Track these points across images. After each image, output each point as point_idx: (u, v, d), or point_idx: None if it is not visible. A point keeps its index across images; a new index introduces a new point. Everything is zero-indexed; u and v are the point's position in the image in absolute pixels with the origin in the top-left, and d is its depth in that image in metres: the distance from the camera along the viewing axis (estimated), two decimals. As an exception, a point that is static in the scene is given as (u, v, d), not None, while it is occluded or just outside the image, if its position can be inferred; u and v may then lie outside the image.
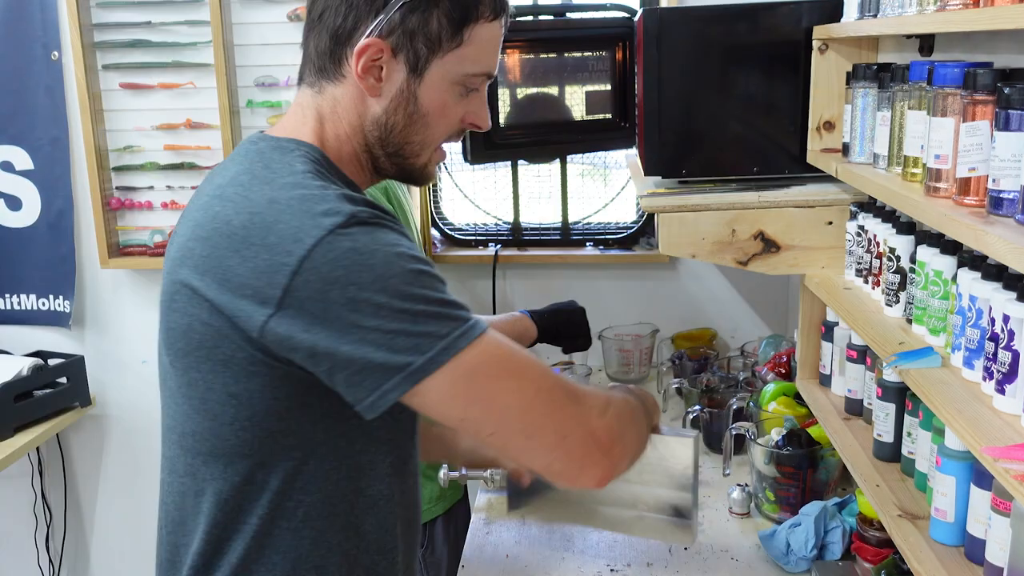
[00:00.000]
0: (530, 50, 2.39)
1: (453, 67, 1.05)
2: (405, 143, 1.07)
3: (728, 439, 1.79)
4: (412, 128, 1.07)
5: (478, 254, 2.63)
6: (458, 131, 1.11)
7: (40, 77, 2.58)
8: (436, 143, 1.10)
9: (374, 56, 1.03)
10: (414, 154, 1.09)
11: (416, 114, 1.06)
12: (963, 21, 1.08)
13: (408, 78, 1.04)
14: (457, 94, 1.07)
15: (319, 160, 1.04)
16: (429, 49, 1.04)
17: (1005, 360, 1.01)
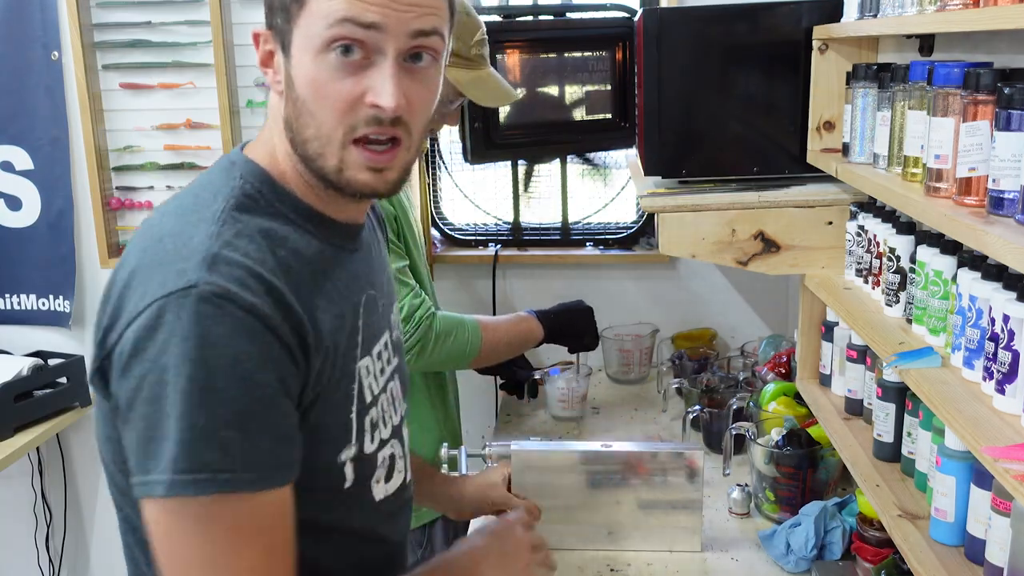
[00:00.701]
0: (530, 50, 2.40)
1: (308, 30, 0.88)
2: (304, 142, 0.91)
3: (728, 439, 1.79)
4: (301, 120, 0.90)
5: (478, 254, 2.63)
6: (366, 119, 0.89)
7: (40, 77, 2.58)
8: (335, 136, 0.90)
9: (264, 46, 0.94)
10: (317, 154, 0.91)
11: (298, 101, 0.90)
12: (963, 21, 1.08)
13: (284, 61, 0.92)
14: (331, 66, 0.87)
15: (259, 187, 0.93)
16: (285, 19, 0.90)
17: (1005, 360, 1.01)
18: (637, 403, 2.32)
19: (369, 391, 1.00)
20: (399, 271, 1.65)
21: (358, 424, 0.97)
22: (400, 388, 1.11)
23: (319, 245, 0.95)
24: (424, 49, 0.91)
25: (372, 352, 1.01)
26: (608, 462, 1.59)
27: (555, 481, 1.58)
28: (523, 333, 1.89)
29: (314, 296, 0.91)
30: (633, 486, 1.59)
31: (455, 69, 1.69)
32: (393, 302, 1.14)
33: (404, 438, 1.11)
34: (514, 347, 1.91)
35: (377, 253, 1.11)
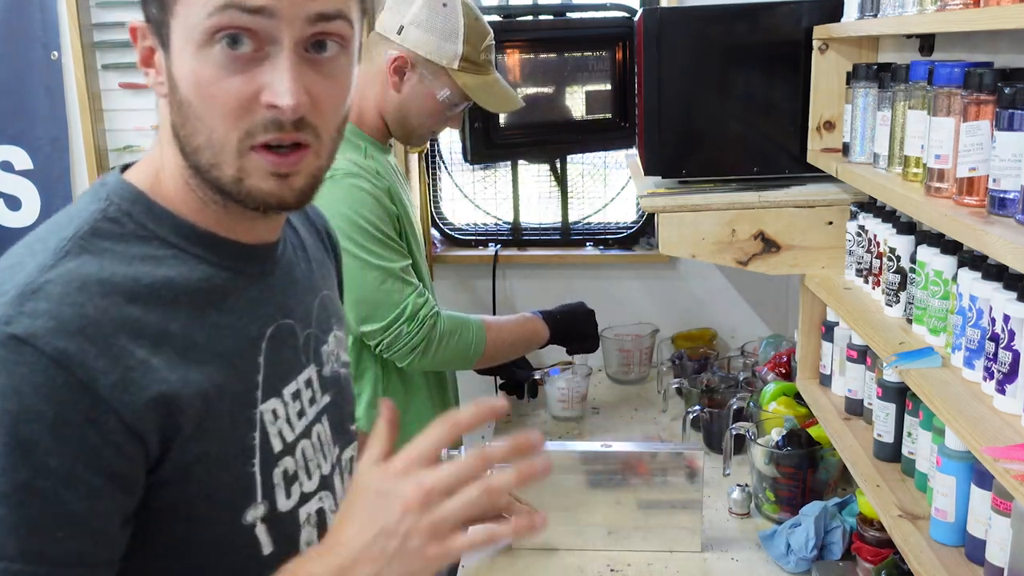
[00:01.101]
0: (530, 50, 2.40)
1: (188, 20, 0.75)
2: (195, 151, 0.78)
3: (728, 439, 1.79)
4: (189, 126, 0.77)
5: (478, 254, 2.63)
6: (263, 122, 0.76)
7: (40, 77, 2.58)
8: (228, 143, 0.77)
9: (142, 42, 0.80)
10: (210, 164, 0.78)
11: (183, 104, 0.77)
12: (963, 21, 1.08)
13: (165, 58, 0.78)
14: (216, 61, 0.75)
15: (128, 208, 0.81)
16: (161, 9, 0.76)
17: (1005, 360, 1.01)
18: (637, 403, 2.32)
19: (279, 439, 0.85)
20: (402, 270, 1.65)
21: (264, 479, 0.83)
22: (330, 430, 0.95)
23: (207, 270, 0.82)
24: (328, 36, 0.78)
25: (282, 393, 0.87)
26: (608, 462, 1.59)
27: (555, 481, 1.58)
28: (529, 333, 1.89)
29: (191, 332, 0.78)
30: (633, 486, 1.59)
31: (464, 74, 1.70)
32: (330, 331, 0.98)
33: (339, 487, 0.94)
34: (519, 348, 1.91)
35: (303, 275, 0.96)
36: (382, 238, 1.63)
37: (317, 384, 0.93)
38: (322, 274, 1.01)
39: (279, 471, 0.85)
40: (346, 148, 1.69)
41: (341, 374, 0.99)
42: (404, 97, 1.71)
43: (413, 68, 1.69)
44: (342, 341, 1.01)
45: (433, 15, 1.67)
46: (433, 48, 1.68)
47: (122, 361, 0.72)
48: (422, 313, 1.65)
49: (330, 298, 1.01)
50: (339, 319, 1.02)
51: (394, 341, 1.64)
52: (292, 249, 0.95)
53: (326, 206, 1.60)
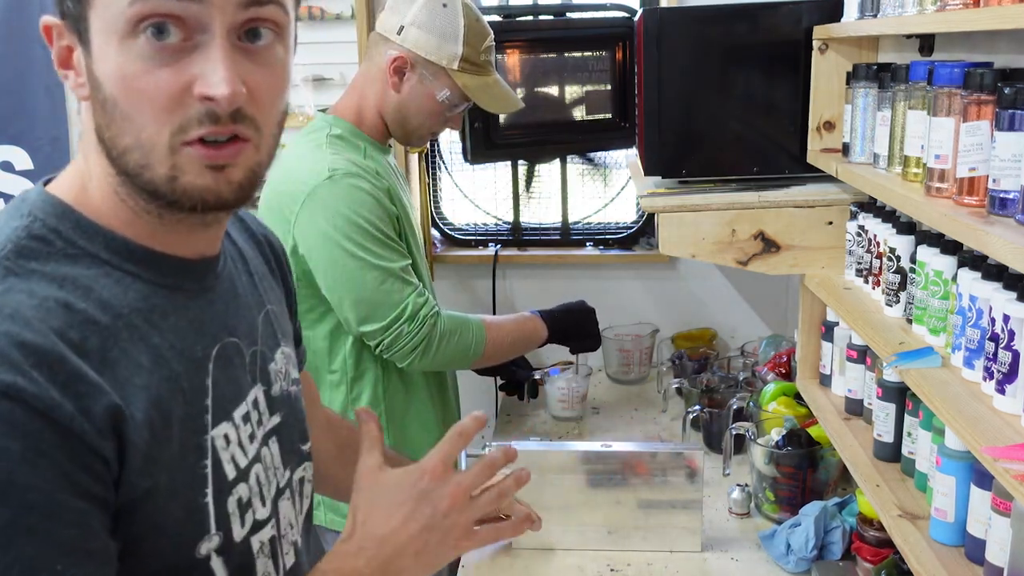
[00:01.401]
0: (530, 50, 2.40)
1: (107, 11, 0.70)
2: (122, 154, 0.73)
3: (728, 439, 1.79)
4: (115, 127, 0.72)
5: (478, 254, 2.63)
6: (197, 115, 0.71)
7: (40, 77, 2.58)
8: (159, 142, 0.72)
9: (59, 41, 0.74)
10: (140, 166, 0.72)
11: (107, 103, 0.71)
12: (963, 21, 1.08)
13: (84, 56, 0.73)
14: (141, 53, 0.70)
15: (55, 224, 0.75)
16: (78, 2, 0.71)
17: (1005, 360, 1.01)
18: (637, 403, 2.32)
19: (232, 465, 0.80)
20: (402, 270, 1.65)
21: (218, 508, 0.78)
22: (279, 452, 0.90)
23: (144, 289, 0.76)
24: (261, 23, 0.73)
25: (233, 416, 0.82)
26: (608, 462, 1.59)
27: (555, 481, 1.58)
28: (528, 333, 1.89)
29: (132, 355, 0.73)
30: (633, 486, 1.59)
31: (464, 75, 1.70)
32: (277, 347, 0.93)
33: (283, 513, 0.90)
34: (518, 347, 1.91)
35: (246, 289, 0.90)
36: (382, 238, 1.63)
37: (264, 404, 0.88)
38: (265, 288, 0.95)
39: (233, 500, 0.80)
40: (346, 148, 1.69)
41: (291, 392, 0.94)
42: (404, 97, 1.71)
43: (413, 68, 1.69)
44: (290, 358, 0.96)
45: (433, 16, 1.67)
46: (433, 49, 1.67)
47: (72, 387, 0.67)
48: (422, 313, 1.65)
49: (275, 313, 0.95)
50: (286, 335, 0.97)
51: (394, 341, 1.64)
52: (232, 262, 0.90)
53: (326, 206, 1.61)
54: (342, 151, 1.67)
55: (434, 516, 0.85)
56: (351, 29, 2.41)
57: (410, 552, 0.84)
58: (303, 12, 2.43)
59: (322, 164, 1.62)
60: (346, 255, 1.60)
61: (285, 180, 1.65)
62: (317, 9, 2.43)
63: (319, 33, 2.45)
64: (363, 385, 1.73)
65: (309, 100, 2.48)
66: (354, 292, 1.62)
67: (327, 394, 1.73)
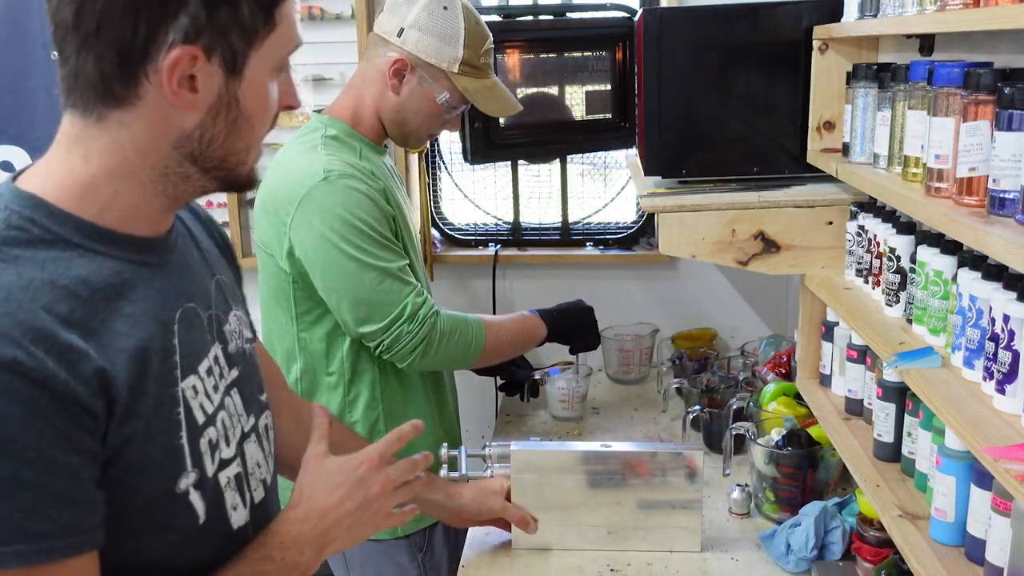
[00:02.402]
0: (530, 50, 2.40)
1: (272, 54, 0.91)
2: (229, 154, 0.91)
3: (728, 439, 1.79)
4: (236, 135, 0.91)
5: (478, 254, 2.63)
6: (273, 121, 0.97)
7: (40, 77, 2.58)
8: (260, 141, 0.95)
9: (188, 66, 0.86)
10: (240, 162, 0.93)
11: (240, 119, 0.90)
12: (963, 21, 1.08)
13: (226, 81, 0.88)
14: (273, 83, 0.93)
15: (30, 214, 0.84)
16: (246, 42, 0.88)
17: (1005, 360, 1.01)
18: (637, 403, 2.32)
19: (201, 411, 0.93)
20: (400, 270, 1.64)
21: (192, 448, 0.91)
22: (241, 402, 1.03)
23: (114, 265, 0.87)
24: None
25: (198, 370, 0.94)
26: (608, 462, 1.59)
27: (555, 481, 1.58)
28: (527, 332, 1.89)
29: (110, 323, 0.84)
30: (633, 486, 1.59)
31: (464, 78, 1.70)
32: (230, 311, 1.06)
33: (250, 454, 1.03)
34: (518, 346, 1.90)
35: (197, 260, 1.03)
36: (378, 238, 1.62)
37: (224, 360, 1.00)
38: (212, 260, 1.08)
39: (204, 440, 0.93)
40: (341, 149, 1.68)
41: (246, 350, 1.07)
42: (402, 99, 1.71)
43: (412, 71, 1.69)
44: (242, 320, 1.09)
45: (434, 18, 1.67)
46: (433, 51, 1.67)
47: (65, 356, 0.78)
48: (421, 313, 1.65)
49: (223, 282, 1.07)
50: (236, 300, 1.10)
51: (394, 342, 1.64)
52: (182, 237, 1.02)
53: (322, 207, 1.61)
54: (337, 152, 1.66)
55: (367, 498, 1.06)
56: (351, 29, 2.41)
57: (344, 524, 1.04)
58: (303, 12, 2.43)
59: (317, 165, 1.61)
60: (343, 256, 1.60)
61: (280, 182, 1.65)
62: (317, 9, 2.44)
63: (319, 33, 2.45)
64: (360, 387, 1.73)
65: (309, 100, 2.48)
66: (352, 293, 1.62)
67: (324, 396, 1.73)
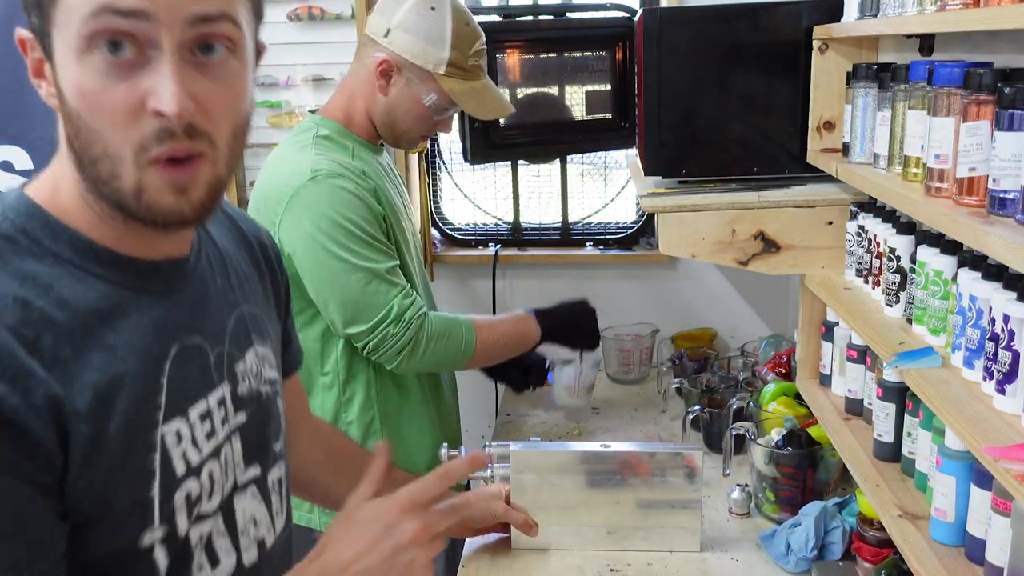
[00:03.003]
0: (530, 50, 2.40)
1: (67, 28, 0.73)
2: (92, 163, 0.76)
3: (728, 439, 1.79)
4: (83, 138, 0.75)
5: (478, 254, 2.63)
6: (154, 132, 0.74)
7: (40, 77, 2.58)
8: (124, 154, 0.74)
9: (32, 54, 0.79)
10: (109, 175, 0.75)
11: (73, 115, 0.75)
12: (963, 21, 1.08)
13: (51, 69, 0.77)
14: (98, 68, 0.73)
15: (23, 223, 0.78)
16: (41, 18, 0.76)
17: (1005, 360, 1.01)
18: (637, 403, 2.32)
19: (182, 461, 0.83)
20: (387, 271, 1.63)
21: (163, 501, 0.81)
22: (241, 450, 0.92)
23: (105, 289, 0.79)
24: (214, 38, 0.75)
25: (188, 414, 0.84)
26: (608, 462, 1.59)
27: (555, 481, 1.58)
28: (520, 335, 1.85)
29: (85, 354, 0.76)
30: (633, 486, 1.59)
31: (451, 79, 1.68)
32: (249, 347, 0.95)
33: (242, 509, 0.92)
34: (510, 349, 1.87)
35: (219, 290, 0.92)
36: (366, 239, 1.61)
37: (231, 403, 0.90)
38: (245, 289, 0.97)
39: (181, 494, 0.83)
40: (333, 149, 1.68)
41: (262, 392, 0.96)
42: (391, 100, 1.70)
43: (399, 72, 1.67)
44: (265, 358, 0.98)
45: (420, 19, 1.65)
46: (419, 52, 1.66)
47: (20, 382, 0.70)
48: (408, 314, 1.63)
49: (251, 314, 0.97)
50: (263, 336, 0.98)
51: (380, 343, 1.62)
52: (208, 262, 0.92)
53: (309, 207, 1.60)
54: (327, 152, 1.66)
55: (395, 549, 0.88)
56: (351, 29, 2.41)
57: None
58: (303, 12, 2.43)
59: (305, 165, 1.61)
60: (330, 256, 1.59)
61: (270, 182, 1.65)
62: (317, 9, 2.43)
63: (319, 33, 2.45)
64: (355, 387, 1.72)
65: (309, 100, 2.48)
66: (339, 294, 1.61)
67: (319, 396, 1.73)
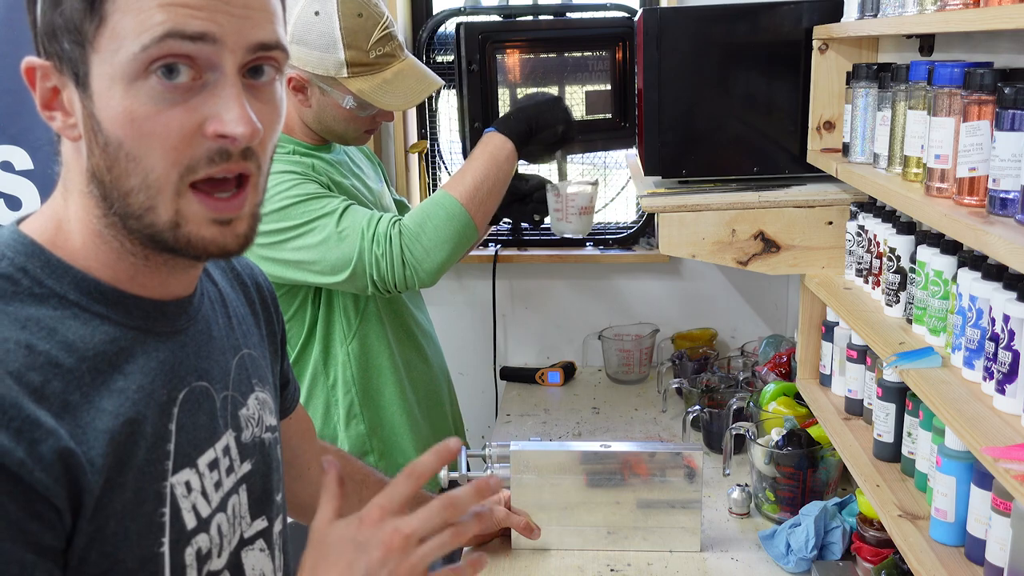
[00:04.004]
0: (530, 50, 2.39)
1: (116, 55, 0.69)
2: (124, 195, 0.72)
3: (728, 439, 1.79)
4: (119, 169, 0.71)
5: (478, 254, 2.63)
6: (208, 154, 0.71)
7: (40, 77, 2.58)
8: (167, 182, 0.71)
9: (44, 83, 0.74)
10: (144, 208, 0.72)
11: (110, 146, 0.71)
12: (963, 21, 1.08)
13: (81, 97, 0.72)
14: (152, 94, 0.70)
15: (23, 263, 0.74)
16: (76, 44, 0.71)
17: (1005, 360, 1.01)
18: (637, 403, 2.32)
19: (192, 514, 0.78)
20: (343, 206, 1.57)
21: (174, 559, 0.76)
22: (247, 502, 0.87)
23: (112, 331, 0.75)
24: (267, 61, 0.75)
25: (197, 464, 0.80)
26: (608, 462, 1.59)
27: (555, 481, 1.58)
28: (493, 156, 1.67)
29: (95, 399, 0.71)
30: (633, 486, 1.59)
31: (357, 79, 1.62)
32: (251, 392, 0.91)
33: (251, 565, 0.87)
34: (496, 178, 1.66)
35: (222, 332, 0.88)
36: (308, 197, 1.57)
37: (236, 451, 0.86)
38: (243, 331, 0.94)
39: (192, 550, 0.78)
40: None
41: (265, 440, 0.92)
42: (316, 110, 1.67)
43: (311, 84, 1.64)
44: (265, 403, 0.94)
45: (308, 28, 1.60)
46: (316, 62, 1.61)
47: (26, 434, 0.66)
48: (380, 228, 1.56)
49: (251, 358, 0.93)
50: (262, 380, 0.95)
51: (376, 270, 1.56)
52: (210, 303, 0.88)
53: None
54: None
55: (369, 566, 0.77)
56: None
57: None
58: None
59: None
60: (284, 233, 1.56)
61: None
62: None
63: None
64: (335, 372, 1.72)
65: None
66: (310, 257, 1.56)
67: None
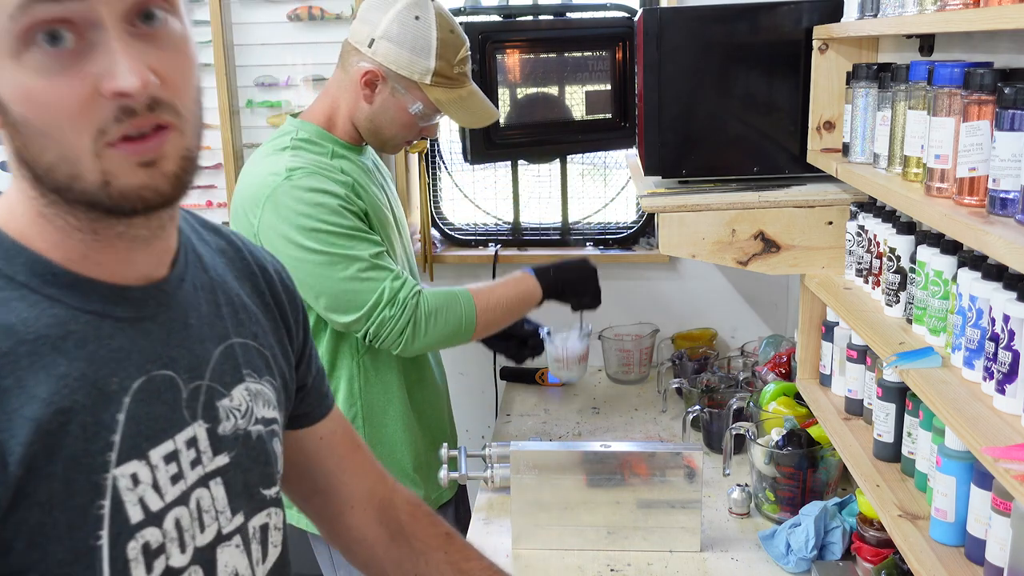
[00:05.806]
0: (530, 50, 2.40)
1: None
2: (48, 171, 0.70)
3: (728, 439, 1.79)
4: (34, 147, 0.69)
5: (478, 254, 2.63)
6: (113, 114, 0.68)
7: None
8: (81, 148, 0.68)
9: None
10: (70, 178, 0.69)
11: (19, 125, 0.69)
12: (963, 21, 1.08)
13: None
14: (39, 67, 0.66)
15: None
16: None
17: (1005, 360, 1.01)
18: (637, 403, 2.32)
19: (139, 507, 0.75)
20: (373, 256, 1.61)
21: (114, 553, 0.73)
22: (226, 495, 0.84)
23: (62, 314, 0.73)
24: (153, 4, 0.70)
25: (148, 456, 0.76)
26: (608, 462, 1.59)
27: (555, 481, 1.58)
28: (521, 296, 1.79)
29: (27, 384, 0.69)
30: (633, 486, 1.59)
31: (437, 89, 1.67)
32: (239, 383, 0.87)
33: (224, 562, 0.83)
34: (514, 311, 1.79)
35: (205, 320, 0.85)
36: (345, 231, 1.60)
37: (207, 443, 0.82)
38: (240, 320, 0.90)
39: (137, 544, 0.74)
40: (310, 150, 1.67)
41: (253, 432, 0.88)
42: (376, 109, 1.69)
43: (384, 81, 1.66)
44: (260, 394, 0.89)
45: (405, 29, 1.63)
46: (404, 63, 1.64)
47: None
48: (401, 295, 1.61)
49: (245, 347, 0.89)
50: (258, 370, 0.90)
51: (379, 328, 1.61)
52: (193, 290, 0.85)
53: (285, 207, 1.60)
54: (304, 153, 1.66)
55: None
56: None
57: None
58: (303, 12, 2.44)
59: (279, 166, 1.61)
60: (309, 253, 1.58)
61: (247, 185, 1.65)
62: (317, 9, 2.44)
63: (319, 33, 2.45)
64: (338, 382, 1.73)
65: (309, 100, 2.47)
66: (327, 287, 1.59)
67: None
